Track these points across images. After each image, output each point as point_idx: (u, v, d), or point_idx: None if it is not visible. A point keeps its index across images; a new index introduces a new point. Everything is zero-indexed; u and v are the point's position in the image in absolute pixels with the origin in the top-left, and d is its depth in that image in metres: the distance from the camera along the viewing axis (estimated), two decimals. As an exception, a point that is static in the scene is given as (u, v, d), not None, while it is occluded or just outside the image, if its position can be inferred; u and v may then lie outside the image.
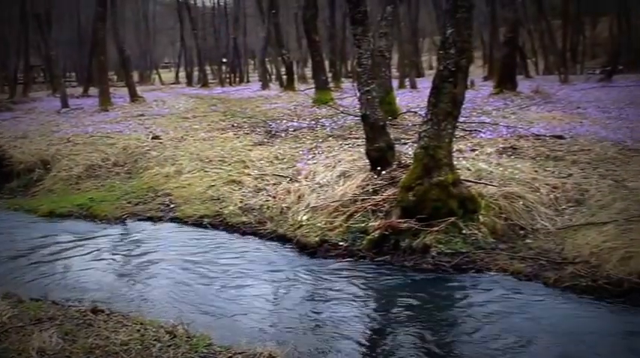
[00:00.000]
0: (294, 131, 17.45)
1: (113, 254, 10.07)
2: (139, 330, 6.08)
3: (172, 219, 11.79)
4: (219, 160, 14.75)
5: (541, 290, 7.52)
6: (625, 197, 9.52)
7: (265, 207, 11.38)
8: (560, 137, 13.55)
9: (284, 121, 19.31)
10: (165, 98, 30.84)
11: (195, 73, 56.64)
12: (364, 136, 11.38)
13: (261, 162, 14.17)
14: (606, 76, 30.27)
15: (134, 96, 28.99)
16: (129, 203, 12.81)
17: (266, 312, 7.36)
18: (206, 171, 13.94)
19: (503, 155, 12.14)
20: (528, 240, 8.85)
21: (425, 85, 23.57)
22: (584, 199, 9.84)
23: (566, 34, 42.93)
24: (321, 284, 8.17)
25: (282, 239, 10.12)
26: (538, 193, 9.98)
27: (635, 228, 8.37)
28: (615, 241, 8.06)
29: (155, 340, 5.83)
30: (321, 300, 7.68)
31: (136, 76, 49.28)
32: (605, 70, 32.95)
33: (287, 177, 12.51)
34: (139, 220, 11.98)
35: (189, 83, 54.68)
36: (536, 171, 10.96)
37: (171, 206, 12.35)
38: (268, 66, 49.36)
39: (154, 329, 6.10)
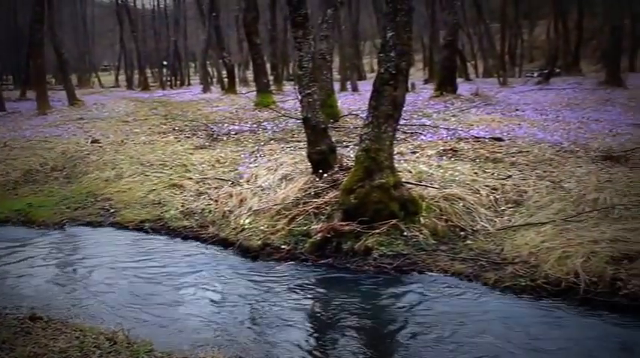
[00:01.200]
0: (235, 134, 17.38)
1: (52, 260, 9.83)
2: (78, 337, 5.97)
3: (113, 224, 11.57)
4: (160, 164, 14.59)
5: (481, 291, 7.60)
6: (562, 198, 9.71)
7: (207, 210, 11.26)
8: (499, 139, 13.75)
9: (225, 124, 19.24)
10: (105, 101, 30.50)
11: (136, 76, 55.99)
12: (306, 139, 11.36)
13: (203, 165, 14.06)
14: (544, 78, 30.97)
15: (73, 100, 28.62)
16: (68, 208, 12.53)
17: (208, 317, 7.26)
18: (147, 175, 13.77)
19: (444, 157, 12.25)
20: (469, 241, 8.93)
21: (366, 87, 23.74)
22: (522, 200, 9.99)
23: (505, 37, 43.82)
24: (263, 288, 8.11)
25: (224, 243, 10.01)
26: (478, 195, 10.10)
27: (572, 228, 8.56)
28: (553, 241, 8.21)
29: (95, 347, 5.74)
30: (263, 304, 7.62)
31: (74, 79, 48.58)
32: (543, 73, 33.74)
33: (229, 180, 12.42)
34: (79, 225, 11.72)
35: (130, 86, 54.08)
36: (476, 173, 11.09)
37: (112, 211, 12.14)
38: (209, 69, 49.14)
39: (93, 336, 6.00)
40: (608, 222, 8.67)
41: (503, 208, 9.85)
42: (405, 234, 8.94)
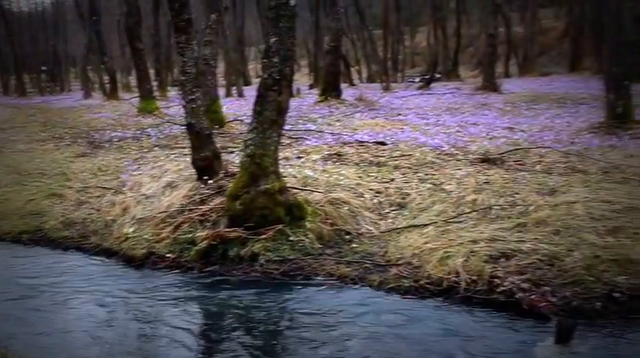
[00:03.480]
0: (118, 141, 17.04)
1: None
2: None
3: (-13, 237, 11.09)
4: (39, 173, 14.10)
5: (366, 293, 7.70)
6: (443, 199, 9.97)
7: (89, 220, 10.94)
8: (382, 143, 13.98)
9: (108, 131, 18.85)
10: (-21, 108, 29.28)
11: (13, 82, 53.81)
12: (190, 145, 11.22)
13: (84, 174, 13.66)
14: (425, 83, 31.79)
15: (-57, 107, 27.35)
16: (-63, 222, 11.91)
17: (90, 330, 7.04)
18: (24, 185, 13.26)
19: (329, 162, 12.37)
20: (354, 245, 9.02)
21: (252, 93, 23.58)
22: (405, 203, 10.19)
23: (387, 44, 44.66)
24: (147, 298, 7.93)
25: (108, 253, 9.75)
26: (362, 198, 10.24)
27: (453, 229, 8.81)
28: (435, 242, 8.41)
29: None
30: (147, 314, 7.46)
31: (-55, 86, 46.32)
32: (424, 78, 34.62)
33: (111, 188, 12.12)
34: (-51, 240, 11.16)
35: (6, 92, 51.93)
36: (360, 177, 11.24)
37: (-14, 223, 11.62)
38: (91, 74, 47.81)
39: (-34, 355, 5.73)
40: (486, 222, 8.98)
41: (387, 211, 10.03)
42: (292, 238, 8.94)
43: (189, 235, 9.37)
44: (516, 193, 9.94)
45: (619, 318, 6.69)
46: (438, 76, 40.19)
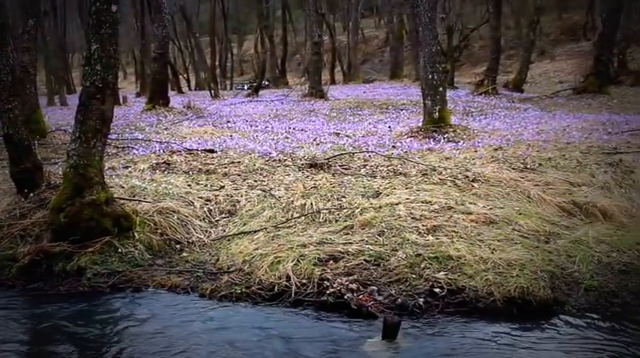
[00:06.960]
0: None
1: None
2: None
3: None
4: None
5: (198, 302, 7.66)
6: (272, 205, 10.10)
7: None
8: (211, 151, 13.93)
9: None
10: None
11: None
12: (8, 157, 10.67)
13: None
14: (253, 90, 32.03)
15: None
16: None
17: None
18: None
19: (157, 171, 12.16)
20: (185, 254, 8.95)
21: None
22: (236, 210, 10.22)
23: (215, 51, 44.72)
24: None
25: None
26: (192, 207, 10.16)
27: (283, 234, 8.96)
28: (265, 248, 8.51)
29: None
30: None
31: None
32: (253, 85, 34.88)
33: None
34: None
35: None
36: (189, 186, 11.15)
37: None
38: None
39: None
40: (315, 226, 9.22)
41: (217, 219, 10.02)
42: (120, 250, 8.73)
43: (10, 251, 8.89)
44: (343, 197, 10.26)
45: (440, 312, 7.09)
46: (267, 83, 40.68)
